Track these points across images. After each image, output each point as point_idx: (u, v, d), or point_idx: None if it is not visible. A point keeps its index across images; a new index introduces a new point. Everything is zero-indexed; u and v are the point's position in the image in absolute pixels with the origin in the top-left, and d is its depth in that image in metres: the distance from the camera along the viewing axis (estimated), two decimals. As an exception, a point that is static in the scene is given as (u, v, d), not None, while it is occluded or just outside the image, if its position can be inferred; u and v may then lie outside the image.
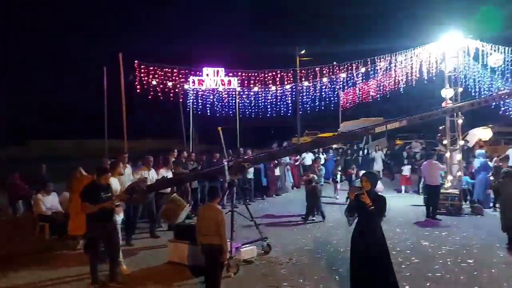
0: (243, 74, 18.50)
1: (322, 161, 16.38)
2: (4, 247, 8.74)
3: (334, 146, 21.75)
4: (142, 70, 16.06)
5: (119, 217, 7.55)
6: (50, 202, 9.95)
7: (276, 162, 15.25)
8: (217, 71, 18.40)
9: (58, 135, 38.20)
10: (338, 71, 17.47)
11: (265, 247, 8.40)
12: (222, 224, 5.90)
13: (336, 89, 19.26)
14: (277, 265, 7.71)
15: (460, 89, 13.17)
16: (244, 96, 19.20)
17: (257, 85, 18.62)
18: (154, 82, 16.48)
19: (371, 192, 5.63)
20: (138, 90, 16.02)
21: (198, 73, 18.21)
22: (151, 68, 16.42)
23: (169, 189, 10.05)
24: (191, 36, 56.38)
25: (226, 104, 19.42)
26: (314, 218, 11.44)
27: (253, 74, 18.48)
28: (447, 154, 13.04)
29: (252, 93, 19.01)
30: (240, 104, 19.29)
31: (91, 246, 6.97)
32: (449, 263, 7.67)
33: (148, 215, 10.13)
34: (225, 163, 8.22)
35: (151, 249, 9.00)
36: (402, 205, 13.33)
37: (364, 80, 18.00)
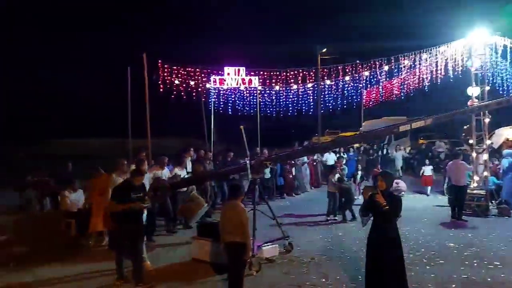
0: (264, 73, 18.50)
1: (344, 161, 16.23)
2: (31, 243, 8.95)
3: (356, 145, 21.51)
4: (165, 70, 16.29)
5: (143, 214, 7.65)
6: (76, 199, 10.16)
7: (292, 162, 15.19)
8: (238, 70, 18.45)
9: (82, 134, 38.95)
10: (360, 69, 17.29)
11: (287, 246, 8.39)
12: (246, 222, 5.93)
13: (359, 88, 19.04)
14: (299, 264, 7.71)
15: (487, 88, 12.85)
16: (265, 95, 19.19)
17: (278, 84, 18.59)
18: (176, 82, 16.67)
19: (386, 192, 5.58)
20: (161, 89, 16.25)
21: (219, 72, 18.30)
22: (174, 67, 16.61)
23: (184, 188, 10.00)
24: (212, 36, 56.79)
25: (247, 103, 19.43)
26: (336, 218, 11.37)
27: (274, 73, 18.46)
28: (473, 154, 12.75)
29: (273, 92, 18.99)
30: (261, 103, 19.28)
31: (115, 245, 7.06)
32: (475, 264, 7.51)
33: (163, 212, 10.21)
34: (247, 161, 8.23)
35: (173, 246, 9.11)
36: (426, 205, 13.12)
37: (387, 79, 17.75)
